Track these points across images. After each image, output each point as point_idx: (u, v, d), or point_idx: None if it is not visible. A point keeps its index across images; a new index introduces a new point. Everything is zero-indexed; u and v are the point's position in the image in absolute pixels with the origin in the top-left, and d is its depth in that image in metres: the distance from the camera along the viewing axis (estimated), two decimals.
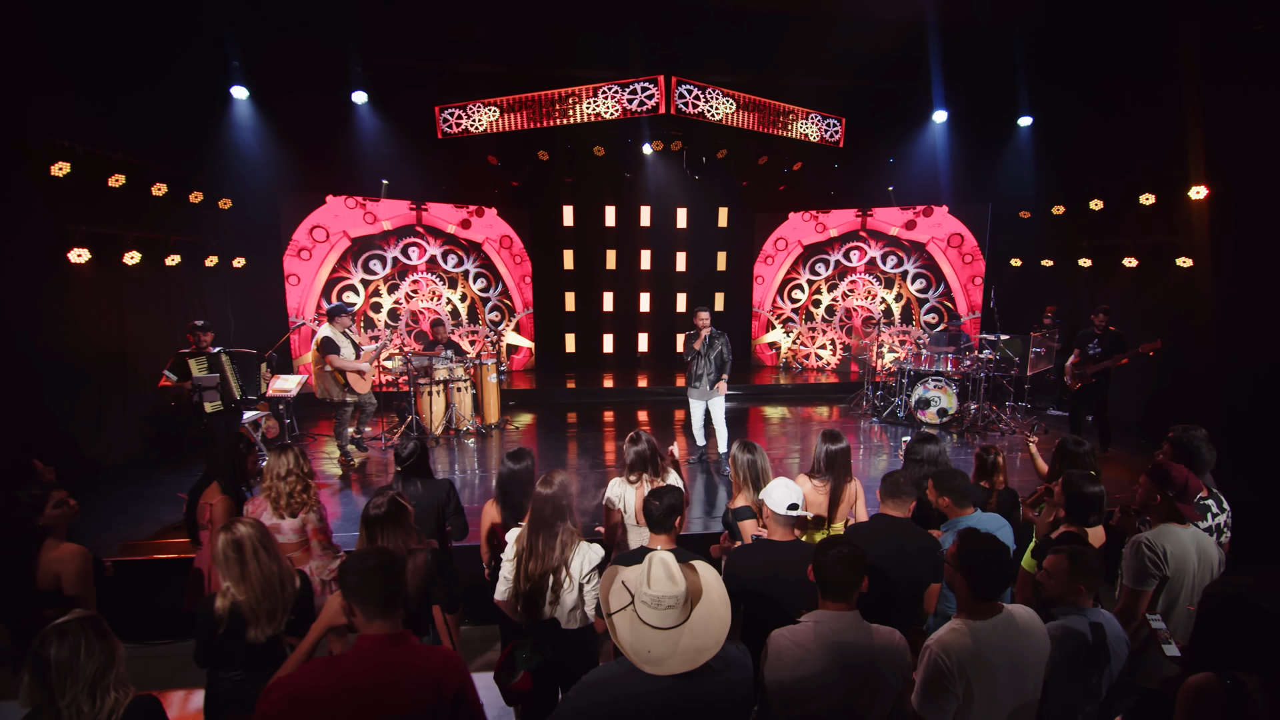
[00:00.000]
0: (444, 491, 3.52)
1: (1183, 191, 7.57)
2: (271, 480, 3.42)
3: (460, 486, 6.05)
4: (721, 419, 6.41)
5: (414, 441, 3.60)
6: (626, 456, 3.52)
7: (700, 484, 6.07)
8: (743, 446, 3.49)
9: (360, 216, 9.75)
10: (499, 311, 11.18)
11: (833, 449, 3.61)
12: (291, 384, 6.45)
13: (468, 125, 9.69)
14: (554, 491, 2.77)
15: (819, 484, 3.61)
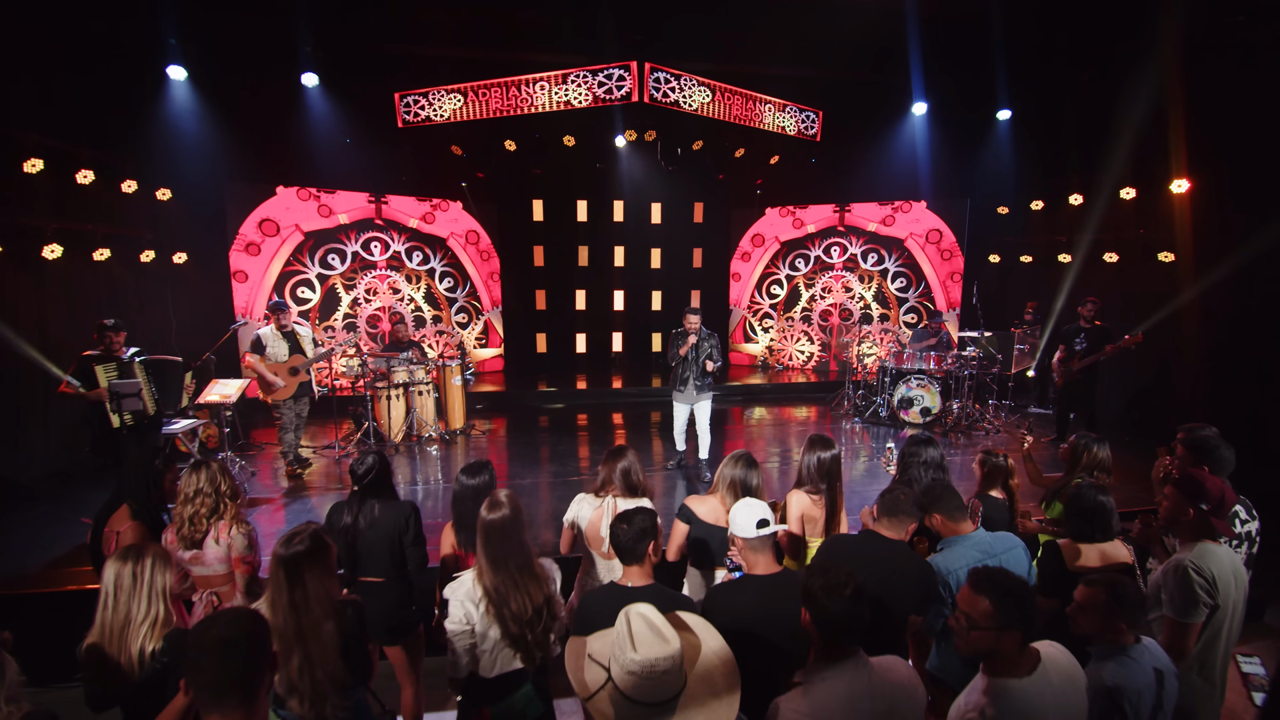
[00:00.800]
0: (404, 517, 3.05)
1: (1164, 185, 7.47)
2: (181, 503, 2.94)
3: (421, 499, 5.58)
4: (706, 424, 6.09)
5: (373, 456, 3.14)
6: (606, 469, 3.12)
7: (679, 491, 5.70)
8: (736, 459, 3.10)
9: (314, 209, 9.16)
10: (465, 311, 10.66)
11: (825, 456, 3.27)
12: (232, 389, 5.89)
13: (429, 113, 9.17)
14: (505, 515, 2.35)
15: (815, 498, 3.27)
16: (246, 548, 2.94)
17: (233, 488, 3.04)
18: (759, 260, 11.48)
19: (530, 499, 5.55)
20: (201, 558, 2.90)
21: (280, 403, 6.14)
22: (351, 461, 3.14)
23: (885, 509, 2.75)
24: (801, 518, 3.25)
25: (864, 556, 2.65)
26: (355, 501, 3.05)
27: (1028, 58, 8.61)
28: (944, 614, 2.58)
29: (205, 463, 3.01)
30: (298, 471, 6.16)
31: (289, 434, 6.23)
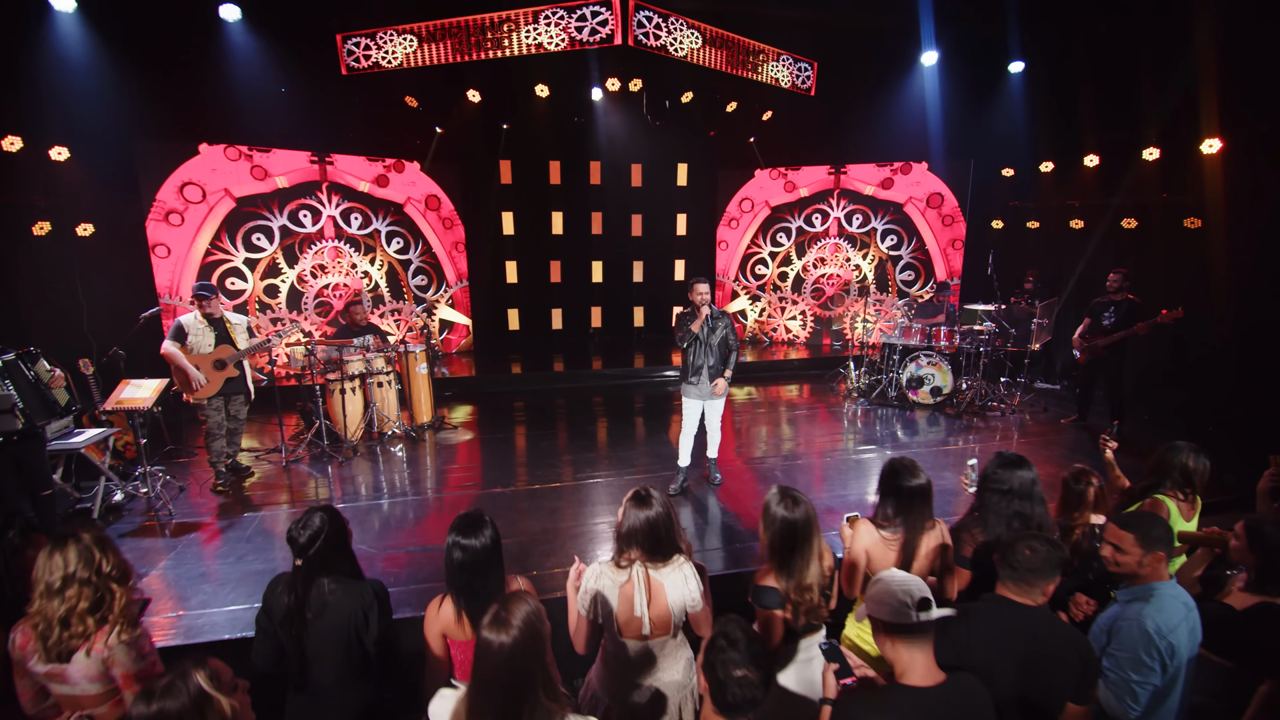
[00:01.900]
0: (363, 607, 2.22)
1: (1194, 145, 6.89)
2: (40, 599, 2.06)
3: (386, 516, 4.72)
4: (718, 420, 5.11)
5: (320, 514, 2.26)
6: (623, 524, 2.31)
7: (686, 512, 4.86)
8: (781, 497, 2.37)
9: (246, 170, 7.92)
10: (427, 284, 9.60)
11: (911, 485, 2.56)
12: (146, 391, 4.87)
13: (379, 58, 7.95)
14: (516, 638, 1.57)
15: (888, 535, 2.57)
16: (136, 661, 2.08)
17: (120, 566, 2.16)
18: (748, 226, 10.66)
19: (511, 511, 4.75)
20: (64, 675, 2.04)
21: (204, 403, 5.15)
22: (291, 525, 2.26)
23: (1017, 569, 2.07)
24: (865, 554, 2.56)
25: (996, 631, 2.01)
26: (300, 580, 2.21)
27: (1043, 4, 7.86)
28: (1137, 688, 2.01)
29: (73, 536, 2.11)
30: (219, 486, 5.21)
31: (217, 441, 5.26)
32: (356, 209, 8.84)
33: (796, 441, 6.46)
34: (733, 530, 4.46)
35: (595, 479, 5.38)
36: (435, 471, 5.70)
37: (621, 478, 5.41)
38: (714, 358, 4.86)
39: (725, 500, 4.97)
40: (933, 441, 6.43)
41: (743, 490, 5.15)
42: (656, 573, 2.27)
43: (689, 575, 2.35)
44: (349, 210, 8.77)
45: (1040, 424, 7.00)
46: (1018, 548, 2.05)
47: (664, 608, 2.27)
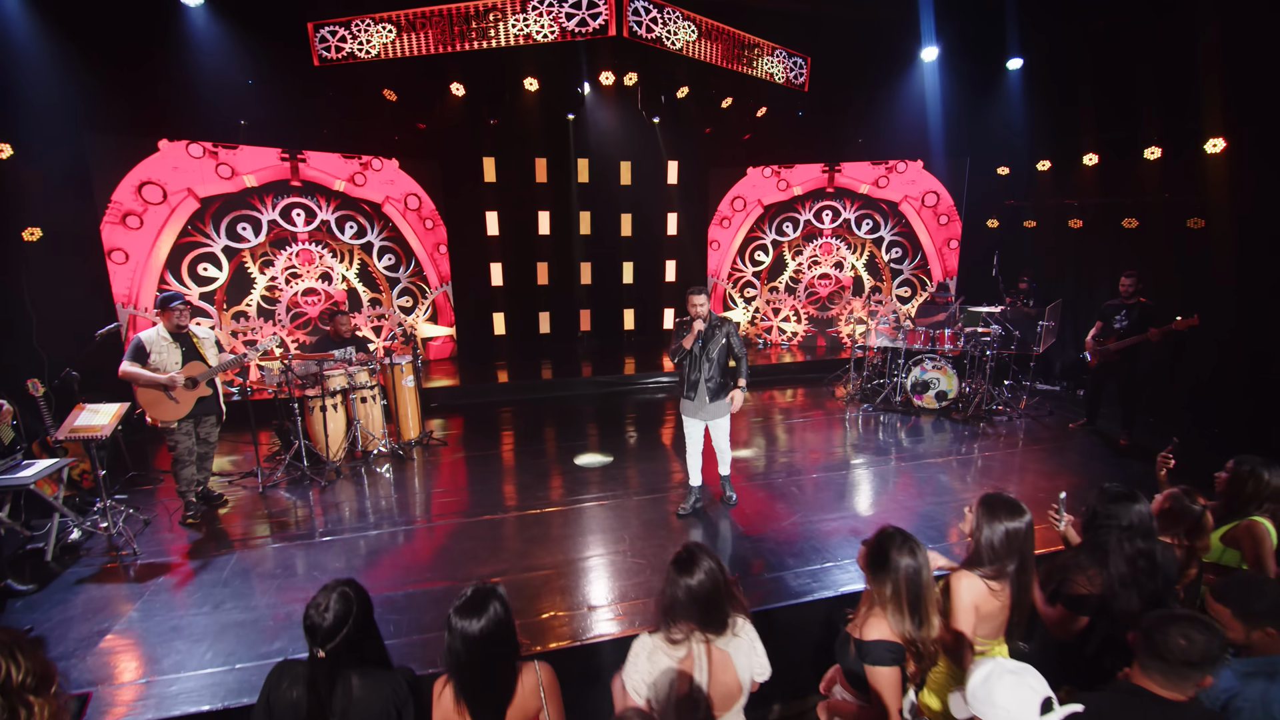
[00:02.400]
0: (396, 704, 1.86)
1: (1197, 144, 6.80)
2: None
3: (376, 558, 4.32)
4: (726, 438, 4.71)
5: (339, 596, 1.87)
6: (668, 593, 1.99)
7: (699, 538, 4.65)
8: (901, 543, 2.07)
9: (211, 169, 7.37)
10: (409, 293, 9.13)
11: (1014, 527, 2.26)
12: (104, 417, 4.38)
13: (354, 48, 7.46)
14: None
15: (996, 585, 2.27)
16: None
17: (37, 671, 1.72)
18: (740, 226, 10.39)
19: (497, 540, 4.40)
20: None
21: (173, 426, 4.68)
22: (308, 608, 1.87)
23: (1169, 658, 1.77)
24: (974, 610, 2.28)
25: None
26: (323, 677, 1.84)
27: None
28: None
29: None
30: (190, 518, 4.74)
31: (186, 468, 4.78)
32: (346, 214, 8.32)
33: (806, 452, 6.20)
34: (751, 559, 4.17)
35: (586, 502, 5.04)
36: (427, 495, 5.31)
37: (616, 498, 5.09)
38: (712, 370, 4.48)
39: (741, 522, 4.68)
40: (947, 450, 6.23)
41: (757, 511, 4.87)
42: (718, 642, 1.97)
43: (753, 639, 2.06)
44: (341, 216, 8.25)
45: (1049, 428, 6.87)
46: (1170, 635, 1.74)
47: (732, 682, 1.97)
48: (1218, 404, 6.74)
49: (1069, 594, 2.50)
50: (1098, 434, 6.62)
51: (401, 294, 9.06)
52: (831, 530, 4.51)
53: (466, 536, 4.48)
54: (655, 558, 4.13)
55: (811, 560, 4.09)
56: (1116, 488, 2.49)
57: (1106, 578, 2.42)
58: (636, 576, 3.92)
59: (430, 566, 4.08)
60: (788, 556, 4.14)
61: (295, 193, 7.99)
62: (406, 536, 4.52)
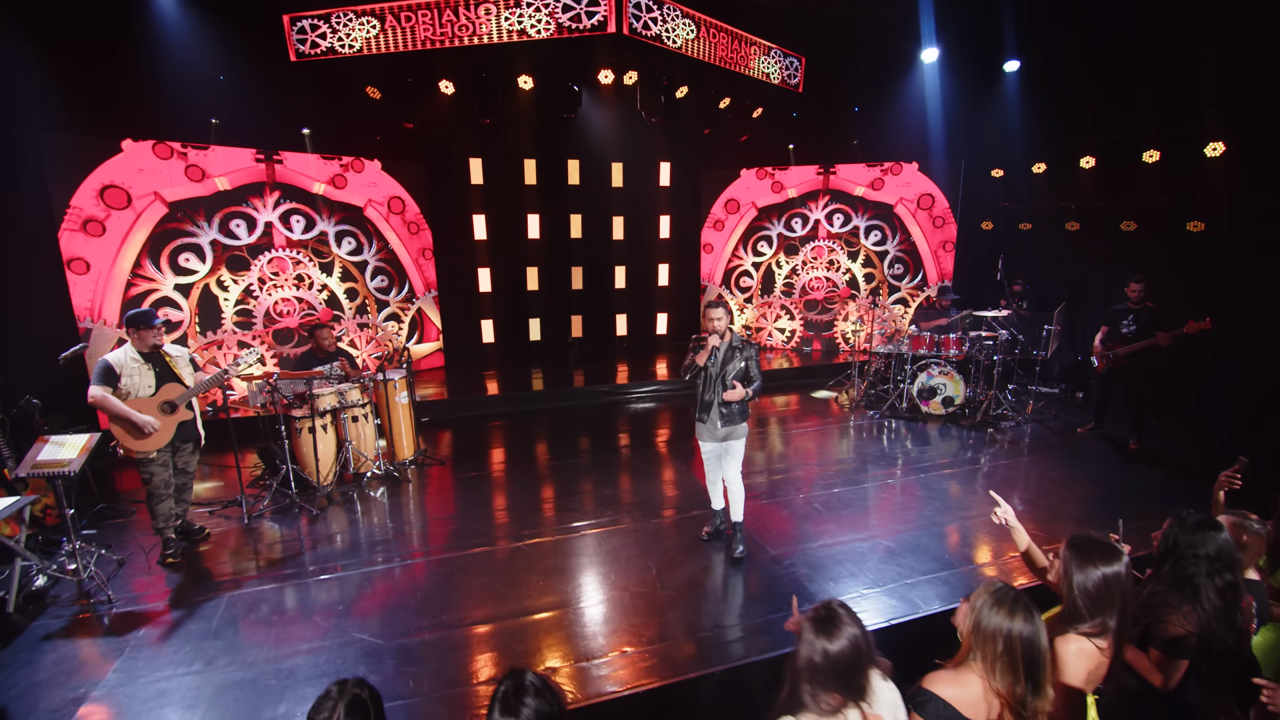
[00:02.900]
0: None
1: (1197, 148, 6.82)
2: None
3: (384, 598, 3.97)
4: (737, 470, 4.20)
5: (349, 704, 1.55)
6: (804, 656, 1.73)
7: (719, 573, 4.10)
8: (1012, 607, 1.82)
9: (180, 170, 6.86)
10: (395, 318, 8.70)
11: (1111, 572, 2.05)
12: (71, 450, 3.93)
13: (334, 43, 7.05)
14: None
15: (1103, 644, 2.04)
16: None
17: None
18: (734, 229, 10.20)
19: (484, 576, 4.09)
20: None
21: (147, 458, 4.25)
22: (310, 713, 1.56)
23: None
24: (1087, 678, 2.05)
25: None
26: None
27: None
28: None
29: None
30: (170, 558, 4.31)
31: (163, 502, 4.35)
32: (307, 212, 7.85)
33: (820, 465, 6.01)
34: (785, 585, 3.93)
35: (603, 526, 4.76)
36: (429, 523, 4.95)
37: (634, 521, 4.82)
38: (723, 394, 4.04)
39: (769, 544, 4.42)
40: (963, 459, 6.11)
41: (782, 530, 4.64)
42: (870, 709, 1.73)
43: (898, 702, 1.82)
44: (293, 213, 7.78)
45: (1058, 433, 6.81)
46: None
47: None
48: (1221, 406, 6.77)
49: (1165, 636, 2.31)
50: (1107, 438, 6.58)
51: (388, 319, 8.63)
52: (865, 552, 4.31)
53: (479, 569, 4.16)
54: (688, 590, 3.87)
55: (849, 585, 3.88)
56: (1195, 516, 2.32)
57: (1202, 614, 2.25)
58: (672, 610, 3.65)
59: (446, 606, 3.75)
60: (826, 582, 3.93)
61: (269, 197, 7.51)
62: (412, 571, 4.18)
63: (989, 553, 4.30)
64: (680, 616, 3.60)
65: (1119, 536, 2.73)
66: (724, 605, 3.76)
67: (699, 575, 4.05)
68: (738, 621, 3.57)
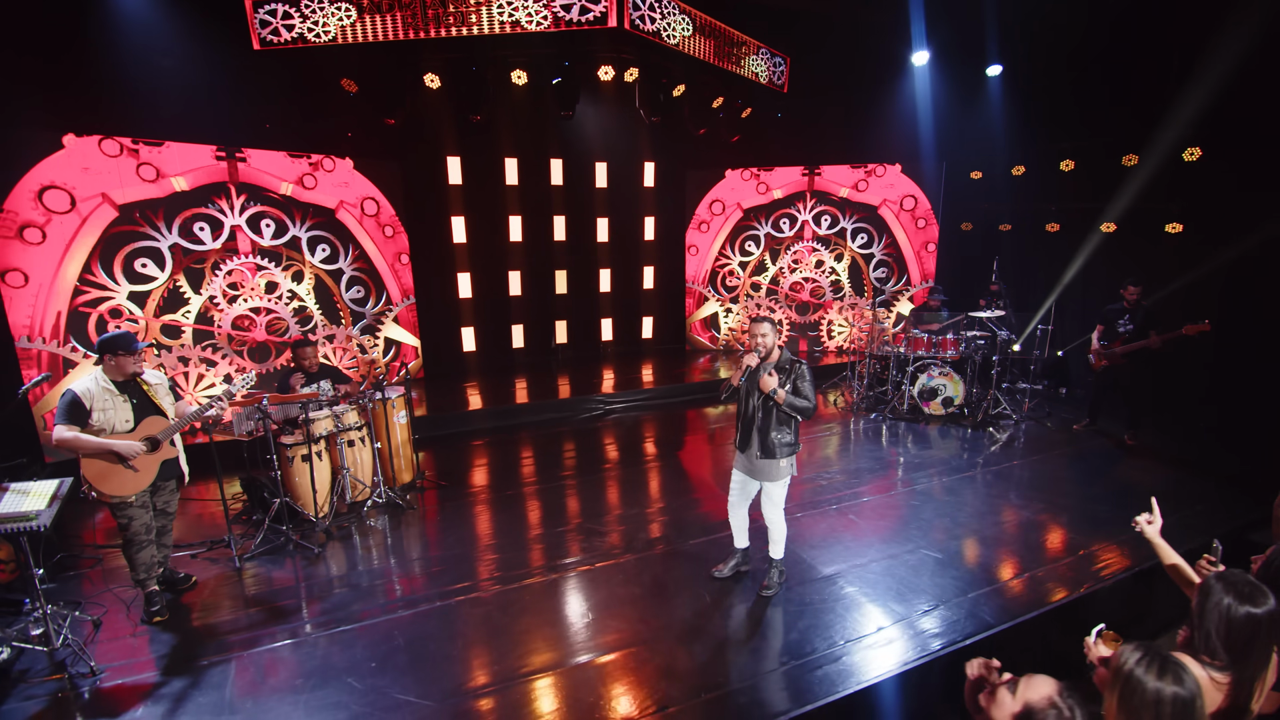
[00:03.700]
0: None
1: (1176, 153, 7.09)
2: None
3: (419, 651, 3.57)
4: (779, 515, 3.77)
5: None
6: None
7: (738, 616, 3.65)
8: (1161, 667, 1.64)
9: (131, 169, 6.14)
10: (360, 287, 8.11)
11: (1256, 613, 1.95)
12: (38, 500, 3.35)
13: (304, 31, 6.47)
14: None
15: (1219, 676, 1.95)
16: None
17: None
18: (719, 230, 10.05)
19: (563, 608, 3.78)
20: None
21: (125, 501, 3.70)
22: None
23: None
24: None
25: None
26: None
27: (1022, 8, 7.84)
28: None
29: None
30: (155, 614, 3.76)
31: (144, 550, 3.79)
32: (274, 215, 7.22)
33: (841, 471, 5.89)
34: (845, 605, 3.76)
35: (636, 551, 4.49)
36: (447, 557, 4.53)
37: (669, 547, 4.57)
38: (769, 421, 3.58)
39: (814, 561, 4.26)
40: (978, 461, 6.12)
41: (824, 543, 4.47)
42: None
43: None
44: (262, 216, 7.13)
45: (1056, 430, 6.96)
46: None
47: None
48: (1209, 401, 7.04)
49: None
50: (1103, 435, 6.75)
51: (365, 331, 8.06)
52: (917, 562, 4.20)
53: (517, 607, 3.81)
54: (745, 630, 3.64)
55: (914, 602, 3.75)
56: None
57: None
58: (742, 640, 3.41)
59: (493, 653, 3.39)
60: (891, 602, 3.77)
61: (231, 199, 6.84)
62: (445, 614, 3.79)
63: (1034, 559, 4.25)
64: (759, 645, 3.37)
65: (1214, 559, 2.67)
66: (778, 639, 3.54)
67: (759, 600, 3.83)
68: (837, 641, 3.36)
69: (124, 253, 6.19)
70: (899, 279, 9.90)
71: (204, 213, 6.64)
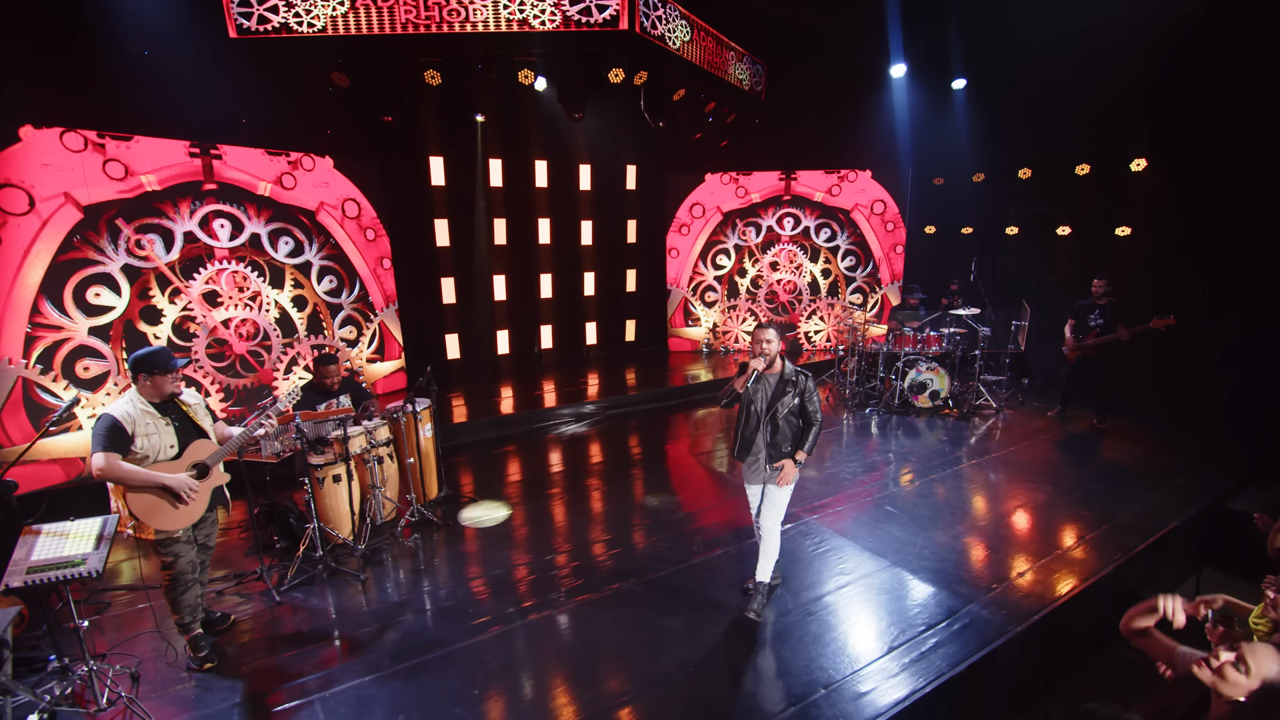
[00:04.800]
0: None
1: (1123, 163, 7.84)
2: None
3: (498, 662, 3.41)
4: (777, 519, 3.63)
5: None
6: None
7: (770, 641, 3.47)
8: None
9: (97, 165, 5.51)
10: (351, 321, 7.65)
11: None
12: (85, 541, 2.93)
13: (288, 19, 6.06)
14: None
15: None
16: None
17: None
18: (699, 233, 10.17)
19: (659, 619, 3.74)
20: None
21: (172, 537, 3.33)
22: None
23: None
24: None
25: None
26: None
27: (982, 26, 8.42)
28: None
29: None
30: (205, 659, 3.41)
31: (190, 590, 3.43)
32: (276, 224, 6.69)
33: (859, 464, 6.11)
34: (922, 592, 3.93)
35: (711, 551, 4.51)
36: (508, 569, 4.35)
37: (744, 542, 4.61)
38: (776, 436, 3.53)
39: (871, 549, 4.40)
40: (981, 449, 6.50)
41: (873, 533, 4.63)
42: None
43: None
44: (266, 224, 6.60)
45: (1035, 417, 7.54)
46: None
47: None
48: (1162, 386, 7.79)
49: None
50: (1075, 419, 7.35)
51: (344, 324, 7.58)
52: (969, 547, 4.43)
53: (607, 617, 3.72)
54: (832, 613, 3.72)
55: (983, 582, 3.96)
56: None
57: None
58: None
59: (608, 667, 3.30)
60: (957, 585, 3.97)
61: (206, 198, 6.27)
62: (532, 630, 3.64)
63: (1071, 538, 4.59)
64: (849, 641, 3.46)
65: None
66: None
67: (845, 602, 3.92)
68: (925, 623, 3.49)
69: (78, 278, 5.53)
70: (870, 276, 10.36)
71: (191, 210, 6.03)
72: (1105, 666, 3.86)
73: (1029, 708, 3.62)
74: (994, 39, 8.44)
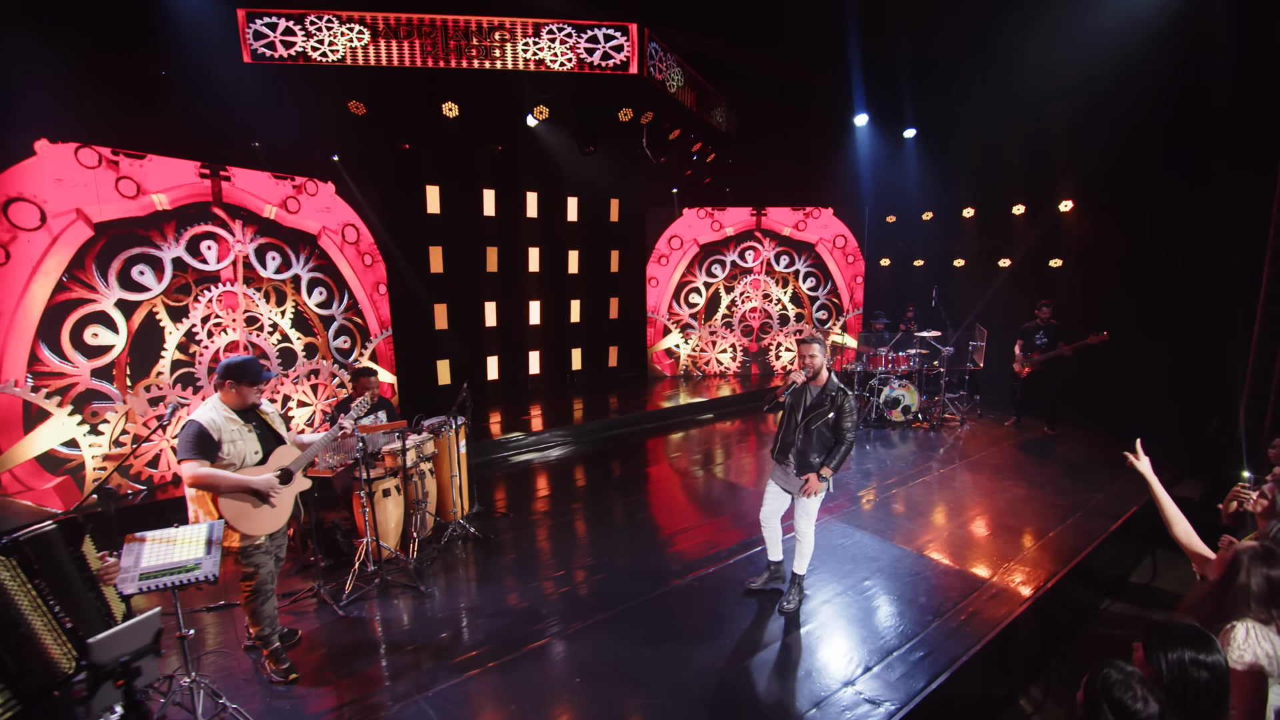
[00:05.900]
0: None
1: (1054, 204, 9.02)
2: None
3: (591, 655, 3.56)
4: (808, 528, 3.85)
5: None
6: (1251, 584, 2.14)
7: (774, 630, 3.69)
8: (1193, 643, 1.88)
9: (110, 183, 5.36)
10: (346, 337, 7.58)
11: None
12: (195, 546, 2.87)
13: (306, 48, 6.21)
14: None
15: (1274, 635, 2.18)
16: None
17: None
18: (677, 264, 10.70)
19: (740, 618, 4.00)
20: None
21: (254, 545, 3.32)
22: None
23: None
24: (1270, 660, 2.12)
25: None
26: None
27: (926, 84, 9.55)
28: None
29: None
30: (289, 671, 3.38)
31: (269, 600, 3.42)
32: (276, 245, 6.63)
33: (862, 473, 6.62)
34: (939, 580, 4.38)
35: (699, 570, 4.81)
36: (570, 571, 4.48)
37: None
38: (809, 445, 3.70)
39: (894, 540, 4.84)
40: (962, 454, 7.16)
41: (883, 528, 5.09)
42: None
43: None
44: (267, 249, 6.53)
45: (994, 426, 8.34)
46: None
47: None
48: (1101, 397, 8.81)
49: None
50: (1030, 428, 8.21)
51: (339, 337, 7.49)
52: (975, 534, 4.94)
53: (684, 610, 3.93)
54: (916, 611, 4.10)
55: (997, 560, 4.45)
56: None
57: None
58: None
59: (685, 649, 3.51)
60: (973, 564, 4.45)
61: (215, 220, 6.17)
62: (612, 628, 3.79)
63: (1057, 518, 5.19)
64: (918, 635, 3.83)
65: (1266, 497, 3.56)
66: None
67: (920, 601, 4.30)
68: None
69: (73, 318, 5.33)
70: (833, 308, 11.18)
71: (200, 231, 5.91)
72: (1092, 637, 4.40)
73: (1040, 672, 4.07)
74: (938, 96, 9.58)
